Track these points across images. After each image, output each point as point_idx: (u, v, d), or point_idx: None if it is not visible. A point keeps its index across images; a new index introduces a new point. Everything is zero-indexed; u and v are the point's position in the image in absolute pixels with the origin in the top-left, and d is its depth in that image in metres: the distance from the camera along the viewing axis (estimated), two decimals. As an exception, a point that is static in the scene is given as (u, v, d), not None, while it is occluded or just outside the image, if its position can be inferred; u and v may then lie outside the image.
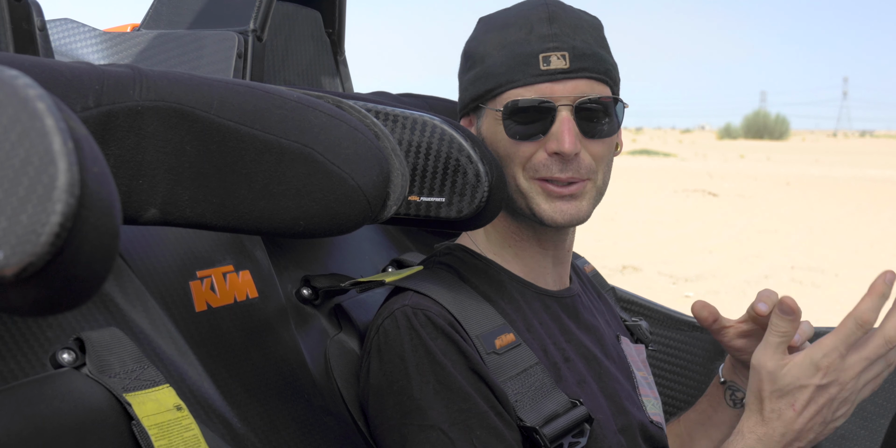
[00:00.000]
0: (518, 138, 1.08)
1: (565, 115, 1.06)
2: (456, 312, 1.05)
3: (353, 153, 0.84)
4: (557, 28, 1.08)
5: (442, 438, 0.98)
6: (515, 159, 1.09)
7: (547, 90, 1.07)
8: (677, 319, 1.70)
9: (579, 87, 1.07)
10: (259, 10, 1.55)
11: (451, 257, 1.16)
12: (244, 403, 1.02)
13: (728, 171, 21.84)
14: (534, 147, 1.08)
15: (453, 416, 0.99)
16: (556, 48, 1.07)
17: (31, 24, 1.05)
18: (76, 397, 0.78)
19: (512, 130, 1.08)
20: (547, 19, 1.08)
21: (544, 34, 1.08)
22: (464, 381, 1.00)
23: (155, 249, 1.02)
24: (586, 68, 1.08)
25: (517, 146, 1.08)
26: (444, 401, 0.99)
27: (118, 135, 0.76)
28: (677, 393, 1.71)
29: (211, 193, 0.80)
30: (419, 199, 1.03)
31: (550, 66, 1.06)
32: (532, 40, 1.08)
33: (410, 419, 1.00)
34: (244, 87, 0.83)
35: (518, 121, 1.07)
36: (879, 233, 9.93)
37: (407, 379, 1.01)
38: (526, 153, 1.08)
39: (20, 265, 0.47)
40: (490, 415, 1.00)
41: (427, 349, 1.01)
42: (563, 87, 1.07)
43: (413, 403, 1.00)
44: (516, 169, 1.09)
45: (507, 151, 1.10)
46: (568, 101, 1.07)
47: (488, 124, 1.12)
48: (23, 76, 0.48)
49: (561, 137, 1.05)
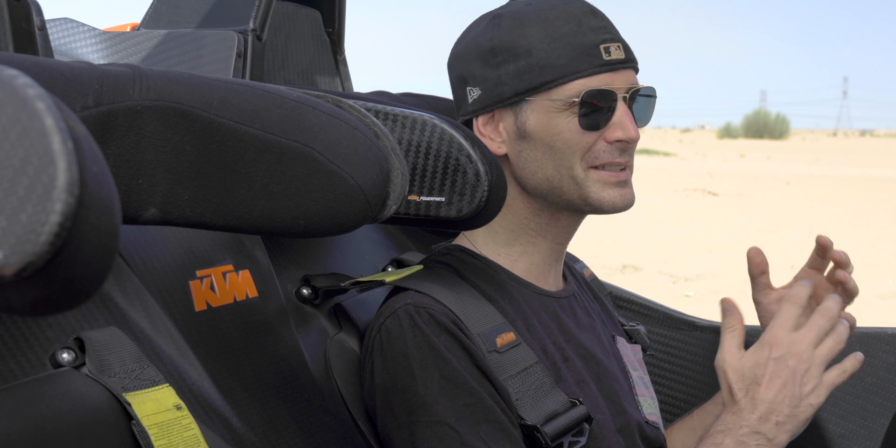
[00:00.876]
0: (589, 128, 1.10)
1: (623, 104, 1.11)
2: (457, 311, 1.05)
3: (353, 152, 0.84)
4: (603, 21, 1.12)
5: (450, 433, 0.98)
6: (576, 150, 1.10)
7: (608, 80, 1.10)
8: (677, 319, 1.70)
9: (631, 77, 1.12)
10: (259, 10, 1.55)
11: (451, 257, 1.16)
12: (244, 403, 1.02)
13: (728, 170, 21.84)
14: (595, 136, 1.10)
15: (459, 410, 0.99)
16: (612, 39, 1.11)
17: (31, 24, 1.05)
18: (76, 397, 0.78)
19: (584, 121, 1.09)
20: (591, 12, 1.12)
21: (596, 26, 1.11)
22: (469, 376, 1.00)
23: (155, 249, 1.02)
24: (633, 59, 1.13)
25: (583, 136, 1.10)
26: (449, 396, 0.99)
27: (118, 134, 0.76)
28: (677, 392, 1.71)
29: (211, 193, 0.80)
30: (419, 199, 1.03)
31: (612, 56, 1.10)
32: (586, 32, 1.10)
33: (417, 416, 1.00)
34: (244, 87, 0.83)
35: (585, 111, 1.09)
36: (879, 232, 9.92)
37: (411, 376, 1.01)
38: (589, 142, 1.10)
39: (20, 264, 0.47)
40: (496, 409, 1.00)
41: (431, 345, 1.01)
42: (620, 76, 1.11)
43: (419, 400, 1.00)
44: (574, 160, 1.11)
45: (566, 142, 1.10)
46: (623, 91, 1.11)
47: (538, 117, 1.11)
48: (22, 75, 0.48)
49: (625, 126, 1.10)
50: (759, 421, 1.02)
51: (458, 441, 0.98)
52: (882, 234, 9.79)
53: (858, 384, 1.37)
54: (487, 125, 1.15)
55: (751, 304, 1.23)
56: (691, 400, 1.67)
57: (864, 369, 1.34)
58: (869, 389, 1.38)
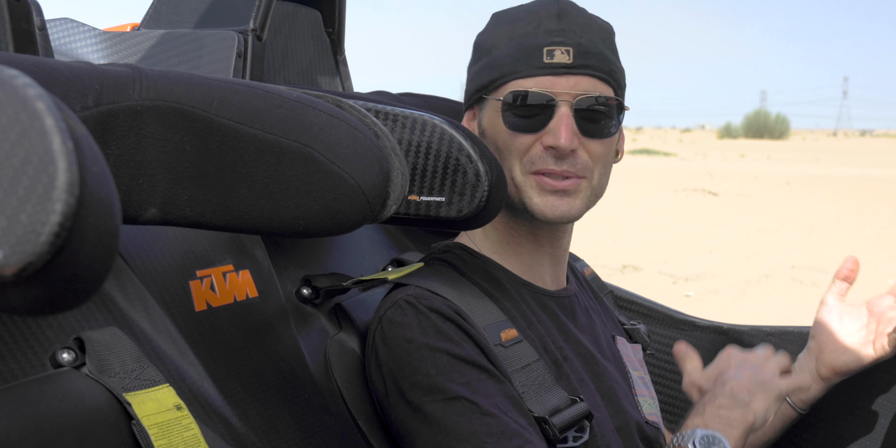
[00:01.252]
0: (516, 130, 1.08)
1: (564, 110, 1.07)
2: (461, 304, 1.05)
3: (353, 152, 0.84)
4: (565, 24, 1.10)
5: (468, 405, 0.97)
6: (513, 152, 1.10)
7: (548, 83, 1.07)
8: (677, 319, 1.69)
9: (581, 83, 1.08)
10: (259, 10, 1.55)
11: (451, 255, 1.16)
12: (244, 403, 1.02)
13: (728, 170, 21.84)
14: (531, 140, 1.09)
15: (473, 385, 0.98)
16: (560, 43, 1.08)
17: (31, 24, 1.05)
18: (76, 397, 0.78)
19: (511, 122, 1.09)
20: (556, 15, 1.10)
21: (551, 29, 1.09)
22: (476, 356, 1.00)
23: (155, 249, 1.02)
24: (589, 66, 1.09)
25: (514, 138, 1.09)
26: (460, 372, 0.99)
27: (118, 134, 0.76)
28: (677, 392, 1.70)
29: (211, 193, 0.80)
30: (419, 199, 1.03)
31: (554, 59, 1.07)
32: (539, 34, 1.09)
33: (433, 395, 0.99)
34: (244, 87, 0.83)
35: (517, 113, 1.08)
36: (879, 232, 9.92)
37: (420, 358, 1.00)
38: (523, 146, 1.09)
39: (20, 265, 0.47)
40: (507, 384, 1.00)
41: (437, 329, 1.01)
42: (565, 81, 1.08)
43: (431, 380, 0.99)
44: (513, 162, 1.10)
45: (504, 143, 1.10)
46: (568, 97, 1.07)
47: (489, 115, 1.12)
48: (22, 76, 0.48)
49: (557, 132, 1.06)
50: (732, 405, 1.09)
51: (477, 411, 0.97)
52: (882, 234, 9.78)
53: (858, 385, 1.37)
54: (471, 122, 1.18)
55: (750, 303, 1.23)
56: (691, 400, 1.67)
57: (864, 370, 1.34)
58: (869, 390, 1.38)
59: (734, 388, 1.10)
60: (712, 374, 1.15)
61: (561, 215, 1.09)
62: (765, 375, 1.11)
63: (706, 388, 1.14)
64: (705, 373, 1.17)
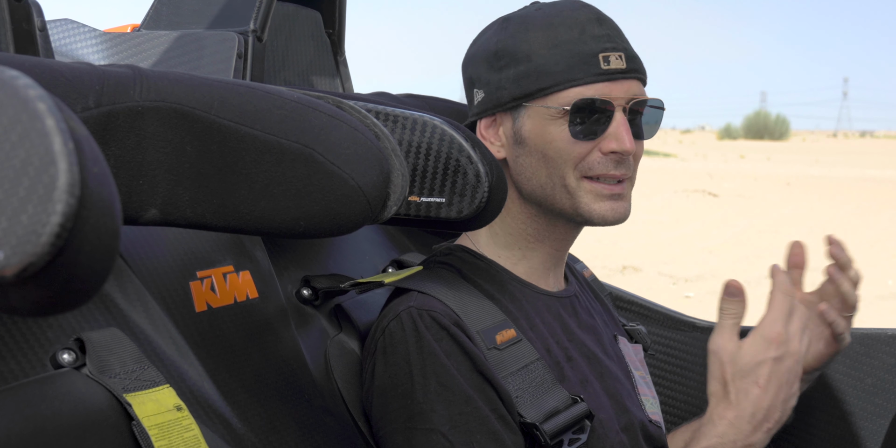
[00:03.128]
0: (578, 137, 1.08)
1: (621, 115, 1.08)
2: (458, 309, 1.05)
3: (354, 153, 0.84)
4: (608, 29, 1.10)
5: (442, 442, 0.98)
6: (569, 159, 1.09)
7: (606, 90, 1.08)
8: (677, 320, 1.70)
9: (632, 87, 1.10)
10: (259, 11, 1.55)
11: (452, 257, 1.16)
12: (244, 404, 1.02)
13: (728, 171, 21.83)
14: (589, 146, 1.09)
15: (454, 418, 0.99)
16: (613, 48, 1.08)
17: (32, 25, 1.05)
18: (76, 398, 0.78)
19: (574, 130, 1.08)
20: (596, 20, 1.10)
21: (598, 34, 1.09)
22: (466, 383, 1.00)
23: (155, 250, 1.02)
24: (637, 69, 1.10)
25: (574, 145, 1.09)
26: (445, 403, 0.99)
27: (118, 135, 0.76)
28: (677, 394, 1.70)
29: (211, 194, 0.80)
30: (419, 200, 1.03)
31: (610, 65, 1.08)
32: (587, 40, 1.08)
33: (414, 422, 1.00)
34: (244, 88, 0.83)
35: (580, 120, 1.08)
36: (879, 233, 9.92)
37: (411, 382, 1.01)
38: (582, 152, 1.09)
39: (20, 265, 0.47)
40: (491, 419, 1.00)
41: (431, 351, 1.01)
42: (619, 87, 1.08)
43: (417, 406, 1.00)
44: (566, 169, 1.09)
45: (559, 151, 1.09)
46: (622, 101, 1.08)
47: (535, 123, 1.10)
48: (23, 76, 0.48)
49: (620, 137, 1.07)
50: (752, 431, 1.02)
51: None
52: (882, 234, 9.78)
53: (858, 385, 1.37)
54: (489, 128, 1.16)
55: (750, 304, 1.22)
56: (692, 401, 1.67)
57: (864, 370, 1.34)
58: (869, 390, 1.38)
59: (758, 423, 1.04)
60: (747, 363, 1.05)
61: (620, 217, 1.11)
62: (791, 391, 1.05)
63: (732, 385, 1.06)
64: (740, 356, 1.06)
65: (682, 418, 1.64)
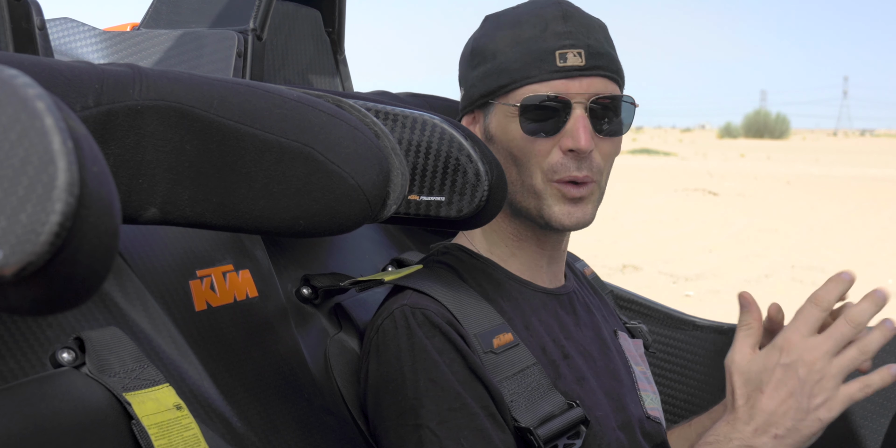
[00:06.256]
0: (533, 134, 1.08)
1: (580, 112, 1.07)
2: (455, 310, 1.05)
3: (353, 152, 0.84)
4: (572, 26, 1.09)
5: (430, 437, 0.98)
6: (531, 158, 1.09)
7: (562, 87, 1.07)
8: (678, 318, 1.70)
9: (594, 84, 1.08)
10: (259, 10, 1.55)
11: (450, 257, 1.16)
12: (244, 403, 1.02)
13: (728, 170, 21.83)
14: (548, 144, 1.08)
15: (443, 414, 0.99)
16: (572, 45, 1.08)
17: (31, 24, 1.05)
18: (76, 397, 0.78)
19: (527, 127, 1.08)
20: (561, 17, 1.09)
21: (560, 31, 1.08)
22: (456, 380, 1.00)
23: (155, 249, 1.02)
24: (600, 66, 1.09)
25: (531, 143, 1.08)
26: (434, 399, 0.99)
27: (118, 134, 0.76)
28: (678, 392, 1.71)
29: (211, 193, 0.80)
30: (419, 199, 1.03)
31: (567, 62, 1.07)
32: (548, 37, 1.08)
33: (405, 419, 1.00)
34: (244, 87, 0.83)
35: (533, 117, 1.08)
36: (880, 232, 9.92)
37: (402, 378, 1.01)
38: (541, 151, 1.08)
39: (20, 264, 0.47)
40: (480, 416, 0.99)
41: (423, 347, 1.01)
42: (578, 84, 1.08)
43: (407, 403, 1.00)
44: (534, 170, 1.09)
45: (520, 149, 1.09)
46: (582, 98, 1.07)
47: (499, 121, 1.12)
48: (22, 75, 0.48)
49: (576, 134, 1.06)
50: (753, 433, 0.97)
51: (437, 445, 0.97)
52: (882, 234, 9.78)
53: (858, 384, 1.36)
54: (471, 126, 1.17)
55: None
56: (692, 400, 1.67)
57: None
58: (868, 389, 1.38)
59: (761, 426, 0.98)
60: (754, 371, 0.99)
61: (576, 223, 1.10)
62: (813, 402, 0.97)
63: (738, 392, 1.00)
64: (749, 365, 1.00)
65: (682, 417, 1.64)
